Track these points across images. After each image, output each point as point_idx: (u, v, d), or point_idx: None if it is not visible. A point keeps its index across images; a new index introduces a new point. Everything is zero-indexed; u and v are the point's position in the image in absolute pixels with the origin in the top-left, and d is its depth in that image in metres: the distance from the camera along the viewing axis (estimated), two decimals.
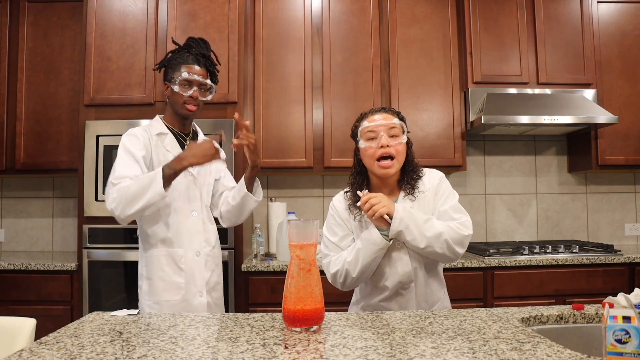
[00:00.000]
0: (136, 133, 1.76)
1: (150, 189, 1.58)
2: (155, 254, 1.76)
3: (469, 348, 0.99)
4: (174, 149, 1.79)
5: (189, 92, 1.75)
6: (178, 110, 1.79)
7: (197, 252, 1.78)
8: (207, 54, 1.82)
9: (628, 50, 3.07)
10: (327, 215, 1.65)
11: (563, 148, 3.36)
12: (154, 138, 1.78)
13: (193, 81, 1.76)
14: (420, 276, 1.52)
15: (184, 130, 1.86)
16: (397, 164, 1.50)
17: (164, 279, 1.74)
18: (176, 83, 1.74)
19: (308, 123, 2.90)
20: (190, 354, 0.96)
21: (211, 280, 1.83)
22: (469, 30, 2.99)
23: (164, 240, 1.76)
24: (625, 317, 0.92)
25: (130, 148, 1.71)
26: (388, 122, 1.50)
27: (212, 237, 1.86)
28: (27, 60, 2.95)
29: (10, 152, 2.93)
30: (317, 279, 1.16)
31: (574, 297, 2.56)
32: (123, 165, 1.68)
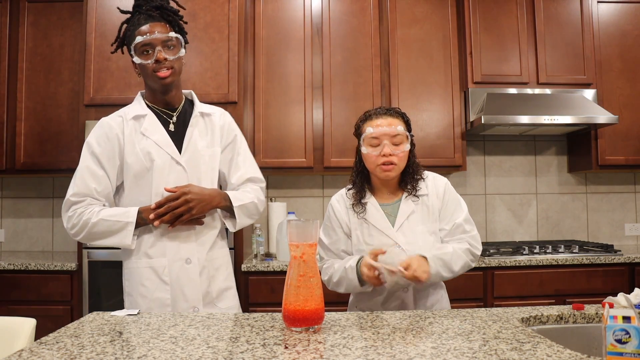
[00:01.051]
0: (106, 122, 1.51)
1: (117, 237, 1.43)
2: (135, 265, 1.50)
3: (469, 348, 0.99)
4: (155, 132, 1.50)
5: (153, 58, 1.45)
6: (152, 84, 1.51)
7: (186, 260, 1.49)
8: (159, 4, 1.49)
9: (628, 50, 3.07)
10: (325, 214, 1.65)
11: (563, 148, 3.36)
12: (130, 123, 1.51)
13: (151, 41, 1.45)
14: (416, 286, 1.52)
15: (168, 106, 1.56)
16: (398, 169, 1.52)
17: (145, 295, 1.47)
18: (135, 53, 1.46)
19: (308, 123, 2.90)
20: (190, 354, 0.96)
21: (212, 289, 1.53)
22: (469, 30, 2.99)
23: (143, 249, 1.49)
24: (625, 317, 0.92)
25: (94, 148, 1.48)
26: (391, 130, 1.49)
27: (209, 237, 1.54)
28: (27, 60, 2.95)
29: (10, 152, 2.93)
30: (317, 279, 1.16)
31: (574, 297, 2.56)
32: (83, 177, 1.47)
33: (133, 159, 1.48)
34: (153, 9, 1.48)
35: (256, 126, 2.88)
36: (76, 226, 1.44)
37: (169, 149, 1.50)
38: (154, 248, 1.49)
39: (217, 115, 1.63)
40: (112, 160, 1.49)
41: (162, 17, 1.49)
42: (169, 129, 1.53)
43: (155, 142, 1.49)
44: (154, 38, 1.44)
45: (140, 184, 1.48)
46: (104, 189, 1.49)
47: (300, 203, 3.21)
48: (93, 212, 1.44)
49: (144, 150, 1.48)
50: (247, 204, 1.57)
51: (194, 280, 1.49)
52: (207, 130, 1.58)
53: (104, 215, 1.44)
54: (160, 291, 1.47)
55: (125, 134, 1.50)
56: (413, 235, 1.51)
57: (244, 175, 1.63)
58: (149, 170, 1.48)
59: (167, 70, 1.47)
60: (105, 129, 1.50)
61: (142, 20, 1.47)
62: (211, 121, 1.60)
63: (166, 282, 1.48)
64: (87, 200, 1.46)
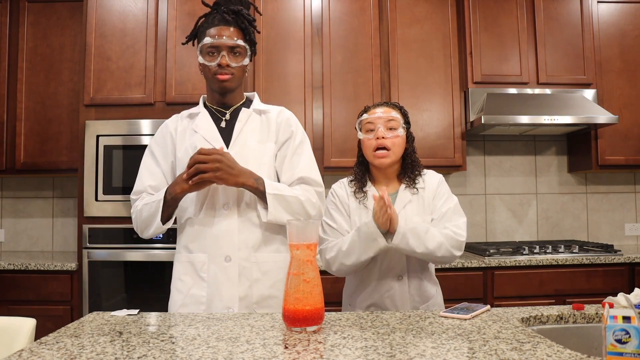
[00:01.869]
0: (165, 122, 1.59)
1: (154, 220, 1.44)
2: (177, 259, 1.52)
3: (469, 348, 0.99)
4: (206, 128, 1.51)
5: (217, 61, 1.45)
6: (211, 85, 1.52)
7: (226, 258, 1.44)
8: (237, 9, 1.49)
9: (628, 50, 3.07)
10: (327, 201, 1.67)
11: (563, 148, 3.36)
12: (184, 121, 1.55)
13: (220, 45, 1.45)
14: (413, 269, 1.56)
15: (224, 106, 1.56)
16: (393, 155, 1.55)
17: (181, 290, 1.47)
18: (200, 53, 1.48)
19: (308, 123, 2.90)
20: (190, 354, 0.96)
21: (254, 292, 1.45)
22: (469, 30, 2.99)
23: (184, 243, 1.50)
24: (625, 317, 0.92)
25: (153, 148, 1.56)
26: (386, 115, 1.55)
27: (253, 236, 1.47)
28: (27, 60, 2.95)
29: (10, 152, 2.93)
30: (317, 279, 1.16)
31: (574, 297, 2.56)
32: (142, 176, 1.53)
33: (182, 154, 1.50)
34: (230, 12, 1.49)
35: None
36: (135, 221, 1.50)
37: (216, 143, 1.48)
38: (194, 242, 1.47)
39: (275, 112, 1.59)
40: (166, 157, 1.54)
41: (236, 22, 1.50)
42: (220, 125, 1.53)
43: (204, 136, 1.50)
44: (221, 42, 1.46)
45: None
46: (159, 184, 1.52)
47: None
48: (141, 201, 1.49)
49: (192, 145, 1.49)
50: (287, 196, 1.44)
51: (232, 279, 1.43)
52: (263, 127, 1.56)
53: (145, 200, 1.48)
54: (196, 288, 1.45)
55: (178, 130, 1.54)
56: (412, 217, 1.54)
57: (295, 175, 1.51)
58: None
59: (227, 75, 1.48)
60: (163, 129, 1.58)
61: (216, 21, 1.48)
62: (267, 118, 1.57)
63: (204, 279, 1.45)
64: (143, 195, 1.51)
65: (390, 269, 1.55)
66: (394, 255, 1.53)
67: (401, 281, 1.54)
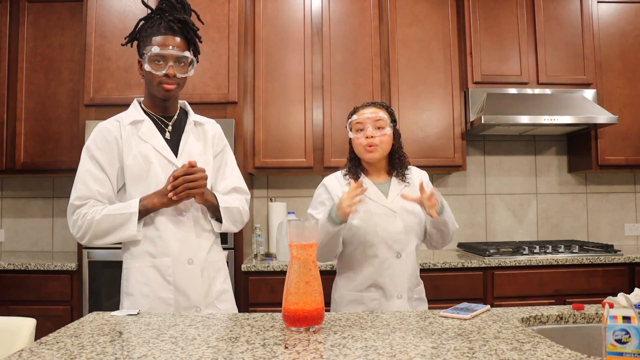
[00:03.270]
0: (104, 126, 1.53)
1: (123, 229, 1.44)
2: (137, 265, 1.50)
3: (469, 348, 0.99)
4: (152, 137, 1.53)
5: (163, 71, 1.47)
6: (154, 92, 1.52)
7: (189, 260, 1.50)
8: (183, 18, 1.50)
9: (628, 50, 3.07)
10: (315, 193, 1.78)
11: (563, 148, 3.36)
12: (127, 128, 1.53)
13: (167, 56, 1.46)
14: (410, 248, 1.67)
15: (166, 114, 1.59)
16: (381, 150, 1.67)
17: (148, 295, 1.47)
18: (147, 60, 1.47)
19: (308, 123, 2.90)
20: (190, 354, 0.96)
21: (213, 290, 1.56)
22: (469, 30, 2.99)
23: (145, 249, 1.50)
24: (625, 317, 0.92)
25: (94, 152, 1.50)
26: (374, 116, 1.67)
27: (206, 240, 1.57)
28: (27, 60, 2.95)
29: (10, 152, 2.93)
30: (317, 279, 1.16)
31: (574, 297, 2.56)
32: (85, 181, 1.49)
33: (131, 162, 1.51)
34: (176, 21, 1.49)
35: (256, 126, 2.88)
36: (81, 228, 1.46)
37: (166, 153, 1.53)
38: (157, 248, 1.50)
39: (210, 125, 1.68)
40: (112, 163, 1.51)
41: (182, 32, 1.51)
42: (165, 136, 1.57)
43: (153, 146, 1.53)
44: (169, 53, 1.47)
45: (140, 187, 1.50)
46: (107, 190, 1.51)
47: (300, 203, 3.21)
48: (96, 211, 1.46)
49: (142, 154, 1.51)
50: (232, 208, 1.59)
51: (196, 280, 1.51)
52: (200, 139, 1.63)
53: (107, 211, 1.45)
54: (163, 291, 1.48)
55: (123, 137, 1.52)
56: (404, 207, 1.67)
57: (230, 184, 1.65)
58: (148, 172, 1.50)
59: (172, 85, 1.50)
60: (104, 133, 1.53)
61: (162, 29, 1.49)
62: (204, 130, 1.65)
63: (170, 282, 1.49)
64: (90, 202, 1.48)
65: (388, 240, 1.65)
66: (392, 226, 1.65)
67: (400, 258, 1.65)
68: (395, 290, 1.64)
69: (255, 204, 3.19)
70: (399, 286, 1.65)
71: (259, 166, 2.87)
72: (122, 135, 1.52)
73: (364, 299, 1.66)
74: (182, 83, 1.54)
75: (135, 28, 1.54)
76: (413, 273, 1.69)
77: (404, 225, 1.66)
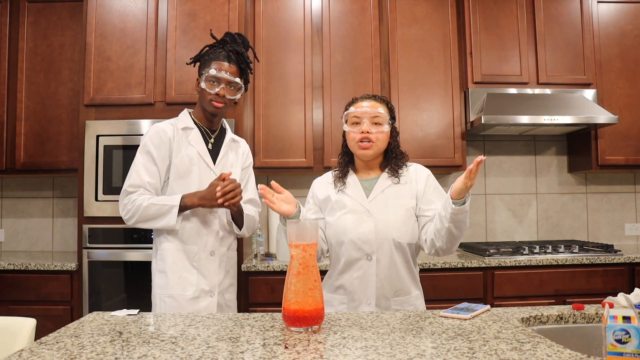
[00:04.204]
0: (160, 127, 1.78)
1: (165, 219, 1.69)
2: (170, 247, 1.75)
3: (469, 348, 0.99)
4: (198, 143, 1.79)
5: (216, 90, 1.73)
6: (205, 107, 1.79)
7: (211, 252, 1.77)
8: (241, 51, 1.79)
9: (628, 50, 3.07)
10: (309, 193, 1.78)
11: (563, 148, 3.36)
12: (179, 132, 1.78)
13: (221, 79, 1.74)
14: (384, 250, 1.54)
15: (211, 127, 1.86)
16: (376, 147, 1.58)
17: (176, 272, 1.73)
18: (204, 79, 1.75)
19: (308, 123, 2.90)
20: (190, 354, 0.96)
21: (224, 281, 1.83)
22: (469, 30, 2.99)
23: (178, 236, 1.76)
24: (625, 317, 0.92)
25: (150, 148, 1.75)
26: (372, 111, 1.57)
27: (228, 239, 1.85)
28: (27, 60, 2.95)
29: (10, 152, 2.92)
30: (317, 279, 1.16)
31: (574, 297, 2.56)
32: (138, 171, 1.73)
33: (179, 161, 1.76)
34: (234, 52, 1.77)
35: (256, 126, 2.88)
36: (130, 211, 1.70)
37: (207, 159, 1.80)
38: (188, 237, 1.75)
39: (243, 143, 1.97)
40: (163, 159, 1.76)
41: (237, 62, 1.78)
42: (208, 146, 1.83)
43: (198, 151, 1.79)
44: (223, 77, 1.74)
45: (181, 183, 1.76)
46: (156, 182, 1.75)
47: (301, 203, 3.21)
48: (144, 198, 1.70)
49: (188, 156, 1.77)
50: (250, 216, 1.87)
51: (214, 269, 1.78)
52: (234, 153, 1.91)
53: (153, 200, 1.70)
54: (188, 272, 1.74)
55: (175, 139, 1.78)
56: (385, 206, 1.57)
57: (248, 196, 1.90)
58: (190, 172, 1.76)
59: (221, 104, 1.76)
60: (160, 133, 1.77)
61: (221, 57, 1.76)
62: (237, 147, 1.93)
63: (195, 266, 1.75)
64: (140, 190, 1.73)
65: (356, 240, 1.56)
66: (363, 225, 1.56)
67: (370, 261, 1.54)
68: (364, 295, 1.53)
69: None
70: (368, 292, 1.53)
71: (259, 166, 2.87)
72: (174, 137, 1.78)
73: (332, 300, 1.60)
74: (229, 103, 1.80)
75: (200, 52, 1.82)
76: (389, 280, 1.54)
77: (376, 225, 1.53)
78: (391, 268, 1.54)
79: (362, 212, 1.57)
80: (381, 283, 1.53)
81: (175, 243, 1.76)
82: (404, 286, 1.57)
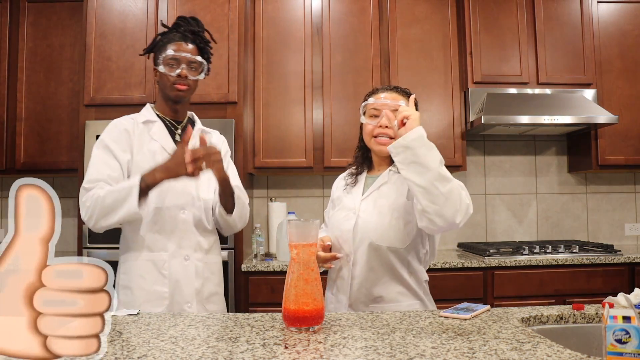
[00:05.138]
0: (118, 122, 1.64)
1: (125, 205, 1.43)
2: (135, 258, 1.56)
3: (469, 348, 0.99)
4: (162, 137, 1.62)
5: (177, 71, 1.57)
6: (168, 93, 1.61)
7: (185, 257, 1.57)
8: (196, 30, 1.64)
9: (628, 50, 3.07)
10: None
11: (563, 148, 3.36)
12: (140, 126, 1.62)
13: (180, 58, 1.57)
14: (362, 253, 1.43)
15: (176, 118, 1.69)
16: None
17: (144, 287, 1.53)
18: (162, 63, 1.58)
19: (308, 123, 2.90)
20: (190, 354, 0.96)
21: (204, 290, 1.61)
22: (469, 30, 2.99)
23: (144, 242, 1.55)
24: (625, 317, 0.92)
25: (108, 142, 1.58)
26: (393, 103, 1.45)
27: (206, 240, 1.64)
28: (27, 60, 2.95)
29: (10, 152, 2.92)
30: (317, 279, 1.16)
31: (574, 297, 2.56)
32: (97, 165, 1.54)
33: (141, 158, 1.59)
34: (190, 32, 1.63)
35: (256, 126, 2.88)
36: (89, 208, 1.48)
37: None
38: (155, 243, 1.56)
39: (215, 134, 1.79)
40: (124, 153, 1.58)
41: (194, 41, 1.63)
42: (175, 138, 1.66)
43: (162, 145, 1.61)
44: (183, 56, 1.58)
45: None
46: (118, 176, 1.55)
47: (300, 203, 3.21)
48: (102, 189, 1.49)
49: (151, 151, 1.59)
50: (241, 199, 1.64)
51: (190, 277, 1.57)
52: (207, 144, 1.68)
53: (110, 188, 1.48)
54: (158, 284, 1.54)
55: (136, 133, 1.62)
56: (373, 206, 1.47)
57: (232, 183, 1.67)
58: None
59: (184, 86, 1.60)
60: (118, 126, 1.62)
61: (177, 38, 1.61)
62: (210, 137, 1.75)
63: (165, 275, 1.55)
64: (100, 183, 1.52)
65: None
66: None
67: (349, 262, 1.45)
68: (344, 296, 1.47)
69: (255, 204, 3.18)
70: (348, 293, 1.46)
71: (259, 166, 2.87)
72: (135, 131, 1.61)
73: (327, 299, 1.54)
74: (193, 85, 1.64)
75: (153, 40, 1.66)
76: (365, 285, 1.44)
77: (357, 226, 1.45)
78: (368, 272, 1.43)
79: (349, 210, 1.50)
80: (357, 287, 1.45)
81: (140, 252, 1.55)
82: (385, 293, 1.44)
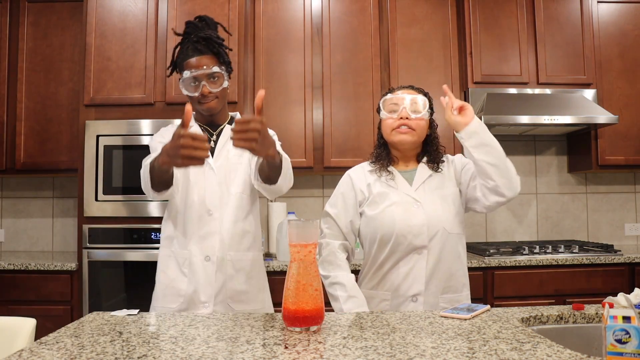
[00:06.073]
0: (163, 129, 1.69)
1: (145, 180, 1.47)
2: (162, 253, 1.63)
3: (469, 348, 0.99)
4: None
5: (197, 92, 1.55)
6: (199, 109, 1.62)
7: (206, 257, 1.56)
8: (207, 35, 1.58)
9: (628, 50, 3.07)
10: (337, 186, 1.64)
11: (563, 148, 3.36)
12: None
13: (198, 77, 1.54)
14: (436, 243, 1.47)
15: (212, 124, 1.67)
16: (416, 135, 1.52)
17: (163, 282, 1.59)
18: (183, 86, 1.57)
19: (308, 123, 2.90)
20: (190, 354, 0.96)
21: (229, 287, 1.58)
22: (469, 30, 2.99)
23: (170, 239, 1.61)
24: (625, 317, 0.92)
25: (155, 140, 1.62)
26: (411, 96, 1.51)
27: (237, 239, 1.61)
28: (27, 60, 2.95)
29: (10, 152, 2.92)
30: (318, 279, 1.16)
31: (574, 297, 2.56)
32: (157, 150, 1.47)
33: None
34: (201, 40, 1.56)
35: None
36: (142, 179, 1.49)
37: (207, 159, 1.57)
38: (180, 241, 1.59)
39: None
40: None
41: (208, 49, 1.57)
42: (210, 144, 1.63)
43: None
44: (199, 74, 1.54)
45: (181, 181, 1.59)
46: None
47: (300, 203, 3.21)
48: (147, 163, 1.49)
49: None
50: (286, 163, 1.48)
51: (209, 277, 1.56)
52: None
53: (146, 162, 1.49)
54: (177, 281, 1.57)
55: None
56: (432, 196, 1.51)
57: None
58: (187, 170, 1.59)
59: (211, 101, 1.57)
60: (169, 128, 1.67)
61: (190, 52, 1.56)
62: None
63: (185, 274, 1.57)
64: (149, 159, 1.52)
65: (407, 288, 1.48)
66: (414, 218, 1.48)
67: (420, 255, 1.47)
68: (410, 291, 1.47)
69: None
70: (414, 287, 1.47)
71: None
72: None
73: (374, 297, 1.51)
74: (221, 96, 1.60)
75: (173, 56, 1.63)
76: (439, 275, 1.47)
77: (428, 217, 1.47)
78: (441, 263, 1.48)
79: (410, 203, 1.49)
80: (430, 278, 1.47)
81: (166, 248, 1.62)
82: (454, 283, 1.51)
